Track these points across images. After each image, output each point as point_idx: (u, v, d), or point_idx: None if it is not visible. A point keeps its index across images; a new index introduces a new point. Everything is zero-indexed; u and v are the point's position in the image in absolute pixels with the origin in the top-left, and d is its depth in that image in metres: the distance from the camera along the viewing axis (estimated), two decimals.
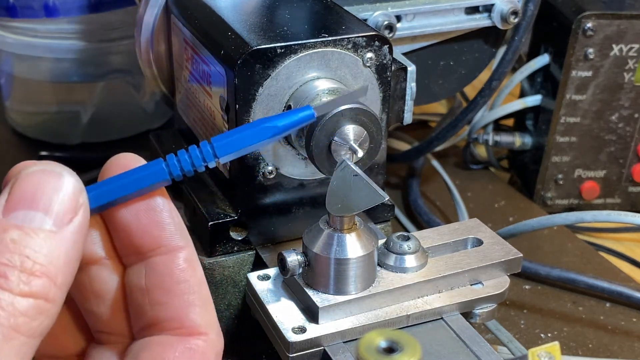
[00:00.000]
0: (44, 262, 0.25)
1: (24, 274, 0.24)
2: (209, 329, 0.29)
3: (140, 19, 0.51)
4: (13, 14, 0.70)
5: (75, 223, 0.26)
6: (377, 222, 0.47)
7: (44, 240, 0.25)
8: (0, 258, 0.24)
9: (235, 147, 0.30)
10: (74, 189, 0.26)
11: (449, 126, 0.63)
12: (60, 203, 0.26)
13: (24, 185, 0.26)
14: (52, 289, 0.25)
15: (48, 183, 0.26)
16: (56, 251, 0.25)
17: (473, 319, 0.41)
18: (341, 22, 0.43)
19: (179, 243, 0.29)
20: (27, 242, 0.25)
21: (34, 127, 0.78)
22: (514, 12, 0.56)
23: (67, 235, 0.25)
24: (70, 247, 0.26)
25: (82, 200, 0.26)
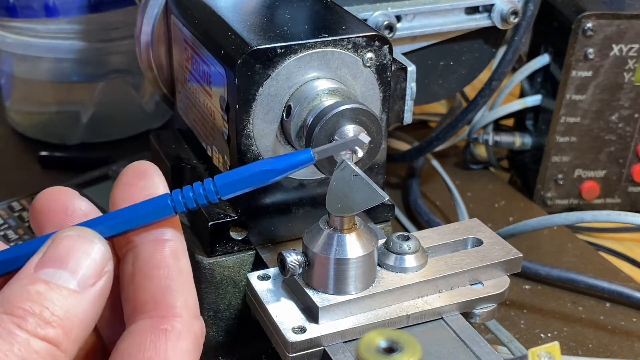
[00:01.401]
0: (61, 315, 0.27)
1: (41, 322, 0.27)
2: (184, 311, 0.30)
3: (140, 19, 0.51)
4: (13, 14, 0.70)
5: (97, 287, 0.28)
6: (377, 222, 0.47)
7: (65, 297, 0.27)
8: (23, 304, 0.27)
9: (237, 189, 0.32)
10: (102, 256, 0.29)
11: (449, 126, 0.63)
12: (87, 267, 0.28)
13: (58, 247, 0.28)
14: (65, 341, 0.27)
15: (80, 248, 0.28)
16: (75, 309, 0.27)
17: (473, 319, 0.41)
18: (341, 22, 0.43)
19: (168, 237, 0.31)
20: (50, 295, 0.27)
21: (34, 127, 0.78)
22: (514, 12, 0.56)
23: (88, 297, 0.28)
24: (89, 307, 0.28)
25: (107, 268, 0.29)
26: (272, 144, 0.42)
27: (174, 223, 0.32)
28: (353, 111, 0.38)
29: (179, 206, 0.31)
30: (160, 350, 0.29)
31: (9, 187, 0.69)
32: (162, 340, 0.29)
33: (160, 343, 0.29)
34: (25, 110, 0.79)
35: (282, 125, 0.41)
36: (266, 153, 0.42)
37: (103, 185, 0.67)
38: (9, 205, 0.63)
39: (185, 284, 0.30)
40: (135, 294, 0.30)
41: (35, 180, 0.70)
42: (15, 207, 0.63)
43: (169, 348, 0.29)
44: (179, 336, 0.29)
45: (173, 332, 0.29)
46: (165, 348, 0.29)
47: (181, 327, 0.29)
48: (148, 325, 0.29)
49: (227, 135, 0.42)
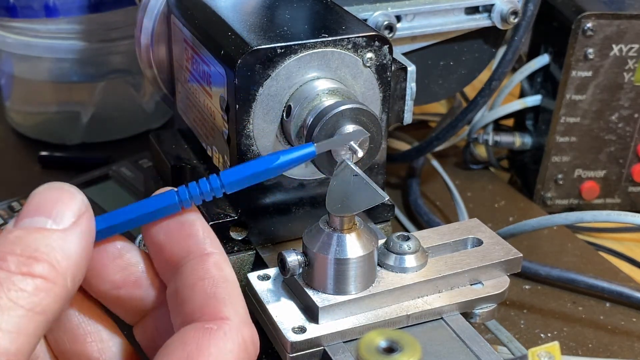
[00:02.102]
0: (44, 250, 0.27)
1: (23, 259, 0.26)
2: (232, 315, 0.29)
3: (141, 19, 0.51)
4: (13, 14, 0.70)
5: (78, 226, 0.28)
6: (377, 222, 0.47)
7: (46, 236, 0.27)
8: (3, 248, 0.27)
9: (242, 185, 0.33)
10: (74, 201, 0.29)
11: (449, 126, 0.63)
12: (61, 209, 0.28)
13: (32, 200, 0.29)
14: (53, 273, 0.27)
15: (51, 195, 0.29)
16: (59, 245, 0.27)
17: (473, 319, 0.41)
18: (341, 22, 0.43)
19: (208, 250, 0.31)
20: (30, 237, 0.27)
21: (34, 127, 0.79)
22: (514, 12, 0.56)
23: (70, 235, 0.28)
24: (73, 245, 0.28)
25: (84, 209, 0.29)
26: (272, 144, 0.42)
27: (212, 236, 0.32)
28: (353, 111, 0.38)
29: (186, 203, 0.32)
30: (202, 346, 0.28)
31: (9, 187, 0.69)
32: (206, 337, 0.28)
33: (204, 340, 0.28)
34: (25, 110, 0.79)
35: (282, 125, 0.41)
36: (266, 153, 0.42)
37: (103, 185, 0.67)
38: (9, 205, 0.63)
39: (232, 291, 0.30)
40: (182, 307, 0.30)
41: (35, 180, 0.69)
42: (15, 207, 0.63)
43: (211, 345, 0.28)
44: (224, 336, 0.28)
45: (218, 332, 0.28)
46: (208, 345, 0.28)
47: (227, 329, 0.29)
48: (193, 326, 0.29)
49: (227, 135, 0.42)
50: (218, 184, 0.32)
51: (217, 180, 0.32)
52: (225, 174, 0.32)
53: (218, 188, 0.32)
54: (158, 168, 0.53)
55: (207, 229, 0.32)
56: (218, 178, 0.32)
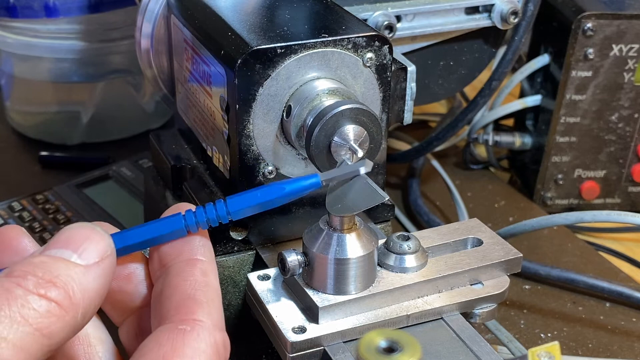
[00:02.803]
0: (64, 280, 0.28)
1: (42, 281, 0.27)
2: (205, 318, 0.30)
3: (140, 19, 0.51)
4: (13, 14, 0.70)
5: (100, 266, 0.29)
6: (377, 222, 0.47)
7: (68, 267, 0.28)
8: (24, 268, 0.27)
9: (248, 212, 0.34)
10: (104, 239, 0.30)
11: (449, 126, 0.63)
12: (89, 247, 0.29)
13: (63, 233, 0.30)
14: (66, 301, 0.27)
15: (83, 233, 0.30)
16: (78, 279, 0.28)
17: (473, 319, 0.41)
18: (341, 22, 0.43)
19: (198, 256, 0.32)
20: (53, 264, 0.28)
21: (34, 127, 0.79)
22: (514, 12, 0.56)
23: (91, 273, 0.29)
24: (92, 282, 0.29)
25: (110, 252, 0.30)
26: (272, 144, 0.42)
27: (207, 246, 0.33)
28: (353, 111, 0.38)
29: (192, 228, 0.33)
30: (176, 346, 0.29)
31: (9, 187, 0.69)
32: (180, 338, 0.29)
33: (177, 341, 0.29)
34: (25, 110, 0.79)
35: (282, 125, 0.41)
36: (266, 153, 0.42)
37: (103, 185, 0.67)
38: (9, 205, 0.63)
39: (211, 296, 0.31)
40: (162, 305, 0.31)
41: (35, 180, 0.70)
42: (15, 207, 0.63)
43: (186, 345, 0.29)
44: (197, 337, 0.29)
45: (191, 333, 0.29)
46: (182, 345, 0.29)
47: (200, 331, 0.30)
48: (168, 327, 0.30)
49: (227, 135, 0.42)
50: (224, 211, 0.33)
51: (224, 207, 0.33)
52: (231, 202, 0.33)
53: (224, 215, 0.33)
54: (158, 168, 0.53)
55: (204, 240, 0.33)
56: (225, 205, 0.33)
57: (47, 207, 0.63)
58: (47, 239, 0.59)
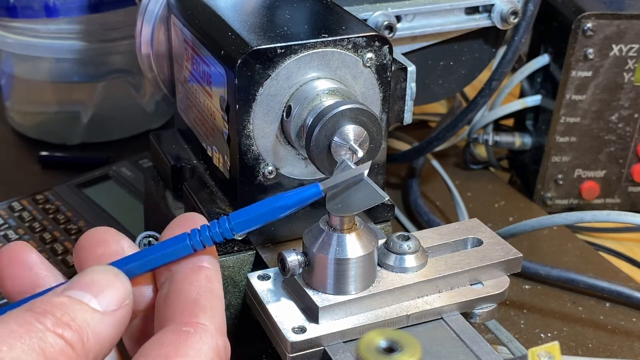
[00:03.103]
0: (80, 324, 0.29)
1: (60, 322, 0.28)
2: (208, 322, 0.31)
3: (141, 19, 0.51)
4: (13, 14, 0.70)
5: (117, 314, 0.30)
6: (377, 222, 0.47)
7: (86, 312, 0.29)
8: (45, 307, 0.29)
9: (251, 226, 0.34)
10: (124, 288, 0.31)
11: (449, 126, 0.63)
12: (109, 294, 0.30)
13: (85, 276, 0.31)
14: (79, 346, 0.28)
15: (105, 278, 0.31)
16: (94, 325, 0.29)
17: (473, 319, 0.41)
18: (341, 22, 0.43)
19: (204, 264, 0.33)
20: (72, 307, 0.29)
21: (34, 127, 0.79)
22: (514, 12, 0.56)
23: (107, 320, 0.30)
24: (108, 329, 0.30)
25: (128, 301, 0.31)
26: (272, 144, 0.42)
27: (212, 252, 0.34)
28: (353, 111, 0.38)
29: (197, 245, 0.33)
30: (179, 346, 0.29)
31: (9, 187, 0.69)
32: (183, 338, 0.30)
33: (180, 341, 0.29)
34: (25, 110, 0.79)
35: (282, 125, 0.41)
36: (266, 153, 0.42)
37: (103, 185, 0.67)
38: (9, 205, 0.63)
39: (215, 302, 0.32)
40: (166, 309, 0.32)
41: (35, 180, 0.70)
42: (15, 207, 0.63)
43: (188, 346, 0.29)
44: (200, 339, 0.30)
45: (194, 335, 0.30)
46: (184, 345, 0.29)
47: (203, 334, 0.30)
48: (171, 328, 0.30)
49: (227, 135, 0.42)
50: (227, 227, 0.34)
51: (226, 222, 0.34)
52: (234, 216, 0.34)
53: (228, 230, 0.34)
54: (158, 168, 0.53)
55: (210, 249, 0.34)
56: (227, 221, 0.34)
57: (47, 207, 0.63)
58: (47, 239, 0.59)
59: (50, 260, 0.57)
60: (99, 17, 0.71)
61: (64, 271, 0.55)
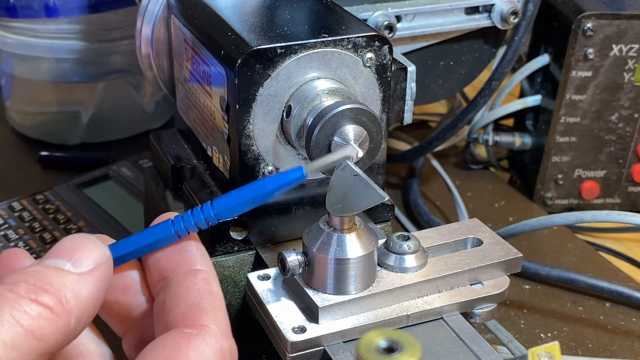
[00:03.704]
0: (56, 287, 0.28)
1: (35, 288, 0.28)
2: (211, 324, 0.30)
3: (141, 19, 0.51)
4: (13, 14, 0.70)
5: (95, 273, 0.30)
6: (377, 222, 0.47)
7: (62, 275, 0.29)
8: (18, 276, 0.28)
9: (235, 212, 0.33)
10: (98, 248, 0.30)
11: (449, 126, 0.63)
12: (81, 256, 0.30)
13: (58, 244, 0.30)
14: (59, 307, 0.28)
15: (79, 241, 0.30)
16: (72, 286, 0.28)
17: (473, 318, 0.41)
18: (341, 22, 0.43)
19: (198, 266, 0.32)
20: (47, 273, 0.28)
21: (34, 127, 0.79)
22: (514, 12, 0.56)
23: (85, 280, 0.29)
24: (86, 289, 0.29)
25: (104, 260, 0.30)
26: (272, 144, 0.42)
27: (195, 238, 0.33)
28: (353, 111, 0.38)
29: (182, 233, 0.33)
30: (181, 349, 0.29)
31: (9, 187, 0.69)
32: (185, 341, 0.29)
33: (182, 343, 0.29)
34: (25, 110, 0.79)
35: (282, 125, 0.41)
36: (266, 153, 0.42)
37: (103, 185, 0.67)
38: (9, 205, 0.63)
39: (216, 304, 0.31)
40: (166, 315, 0.31)
41: (35, 180, 0.70)
42: (15, 207, 0.63)
43: (190, 348, 0.29)
44: (203, 341, 0.29)
45: (197, 337, 0.29)
46: (187, 348, 0.29)
47: (206, 336, 0.29)
48: (173, 331, 0.30)
49: (227, 135, 0.42)
50: (211, 212, 0.33)
51: (210, 209, 0.33)
52: (217, 203, 0.33)
53: (212, 217, 0.33)
54: (158, 168, 0.53)
55: (201, 249, 0.33)
56: (211, 207, 0.33)
57: (47, 207, 0.63)
58: (47, 239, 0.59)
59: None
60: (99, 17, 0.71)
61: None
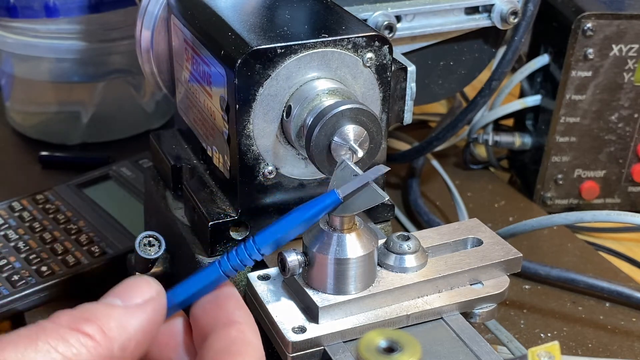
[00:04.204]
0: (100, 318, 0.29)
1: (76, 318, 0.29)
2: None
3: (141, 19, 0.51)
4: (14, 14, 0.70)
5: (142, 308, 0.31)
6: (377, 222, 0.47)
7: (106, 308, 0.30)
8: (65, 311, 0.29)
9: (277, 244, 0.36)
10: (147, 287, 0.32)
11: (449, 126, 0.63)
12: (132, 292, 0.31)
13: (116, 286, 0.32)
14: (99, 334, 0.29)
15: (130, 282, 0.32)
16: (115, 315, 0.30)
17: (473, 318, 0.41)
18: (341, 22, 0.43)
19: (234, 319, 0.34)
20: (93, 306, 0.30)
21: (34, 127, 0.79)
22: (514, 12, 0.56)
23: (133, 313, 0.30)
24: (134, 322, 0.30)
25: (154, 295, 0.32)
26: (272, 144, 0.42)
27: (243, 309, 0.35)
28: (353, 111, 0.38)
29: (230, 272, 0.35)
30: None
31: (9, 187, 0.69)
32: None
33: None
34: (25, 111, 0.79)
35: (282, 125, 0.41)
36: (266, 153, 0.42)
37: (103, 185, 0.67)
38: (10, 205, 0.63)
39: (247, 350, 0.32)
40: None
41: (36, 180, 0.70)
42: (15, 207, 0.63)
43: None
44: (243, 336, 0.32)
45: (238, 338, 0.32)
46: None
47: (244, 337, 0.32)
48: None
49: (227, 135, 0.42)
50: (254, 249, 0.35)
51: (253, 246, 0.35)
52: (259, 238, 0.35)
53: (256, 253, 0.35)
54: (158, 168, 0.53)
55: (240, 302, 0.35)
56: (253, 244, 0.35)
57: (47, 207, 0.63)
58: (47, 238, 0.59)
59: (50, 260, 0.57)
60: (99, 17, 0.71)
61: (64, 271, 0.55)
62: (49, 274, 0.55)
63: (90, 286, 0.56)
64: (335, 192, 0.35)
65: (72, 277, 0.55)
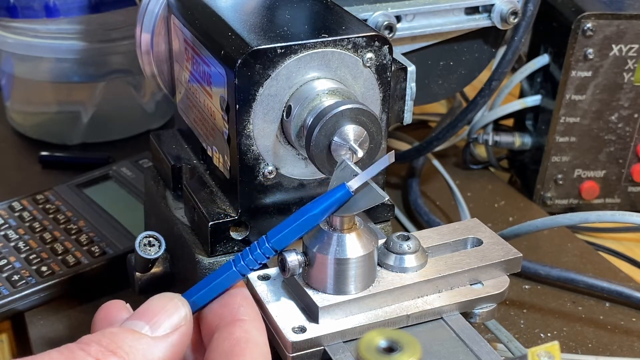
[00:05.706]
0: (127, 350, 0.30)
1: (105, 350, 0.29)
2: None
3: (141, 19, 0.51)
4: (14, 14, 0.70)
5: (170, 338, 0.31)
6: (377, 222, 0.47)
7: (133, 338, 0.30)
8: (93, 338, 0.30)
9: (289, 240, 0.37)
10: (176, 314, 0.32)
11: (449, 126, 0.63)
12: (160, 319, 0.32)
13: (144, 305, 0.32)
14: None
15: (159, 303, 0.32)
16: (141, 347, 0.30)
17: (473, 318, 0.41)
18: (341, 22, 0.43)
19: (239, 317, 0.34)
20: (121, 335, 0.30)
21: (34, 127, 0.79)
22: (514, 12, 0.56)
23: (159, 344, 0.31)
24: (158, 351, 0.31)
25: (182, 323, 0.32)
26: (272, 144, 0.42)
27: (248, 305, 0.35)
28: (353, 111, 0.38)
29: (244, 270, 0.36)
30: None
31: (9, 187, 0.69)
32: None
33: None
34: (25, 110, 0.79)
35: (282, 125, 0.41)
36: (266, 153, 0.42)
37: (103, 185, 0.67)
38: (10, 205, 0.63)
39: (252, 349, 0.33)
40: None
41: (36, 180, 0.70)
42: (15, 207, 0.63)
43: None
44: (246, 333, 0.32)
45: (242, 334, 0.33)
46: None
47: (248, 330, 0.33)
48: None
49: (227, 135, 0.42)
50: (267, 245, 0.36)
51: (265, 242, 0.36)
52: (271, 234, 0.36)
53: (268, 249, 0.36)
54: (158, 168, 0.53)
55: (247, 299, 0.35)
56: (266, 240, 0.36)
57: (47, 207, 0.63)
58: (47, 238, 0.59)
59: (51, 260, 0.57)
60: (99, 17, 0.71)
61: (64, 271, 0.55)
62: (49, 274, 0.55)
63: (90, 286, 0.56)
64: (345, 185, 0.35)
65: (72, 277, 0.55)
